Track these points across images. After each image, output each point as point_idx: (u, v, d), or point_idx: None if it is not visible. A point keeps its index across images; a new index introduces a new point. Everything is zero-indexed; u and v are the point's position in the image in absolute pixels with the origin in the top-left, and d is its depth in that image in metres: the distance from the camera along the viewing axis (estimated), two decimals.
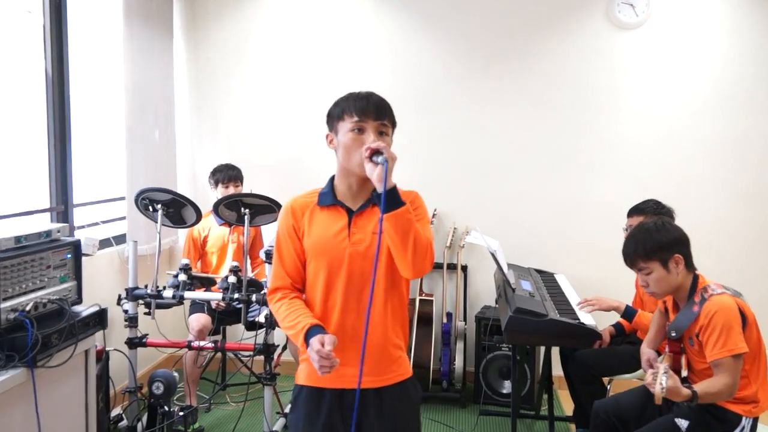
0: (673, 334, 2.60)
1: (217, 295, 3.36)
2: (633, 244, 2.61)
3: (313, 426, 1.98)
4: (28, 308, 2.47)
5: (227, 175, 4.03)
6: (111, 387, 3.29)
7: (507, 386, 4.14)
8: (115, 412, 3.47)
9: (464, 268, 4.48)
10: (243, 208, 3.42)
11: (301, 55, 4.54)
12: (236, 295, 3.29)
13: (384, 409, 1.96)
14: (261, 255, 3.68)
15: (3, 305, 2.38)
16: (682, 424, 2.54)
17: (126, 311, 3.38)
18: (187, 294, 3.33)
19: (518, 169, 4.45)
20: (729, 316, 2.42)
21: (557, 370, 3.69)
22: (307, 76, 4.54)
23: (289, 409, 2.07)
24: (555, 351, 3.70)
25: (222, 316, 3.90)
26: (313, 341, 1.79)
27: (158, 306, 3.37)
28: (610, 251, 4.10)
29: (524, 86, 4.40)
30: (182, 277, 3.34)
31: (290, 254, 2.00)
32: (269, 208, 3.42)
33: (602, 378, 3.45)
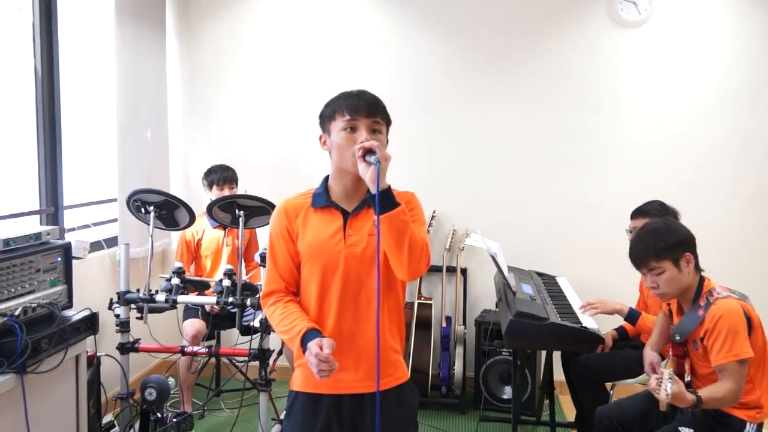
0: (677, 338, 2.61)
1: (211, 299, 3.36)
2: (644, 244, 2.60)
3: None
4: (17, 313, 2.47)
5: (221, 176, 4.03)
6: (102, 393, 3.28)
7: (507, 392, 4.14)
8: (107, 419, 3.47)
9: (464, 271, 4.49)
10: (237, 210, 3.42)
11: (297, 54, 4.55)
12: (231, 299, 3.29)
13: (382, 414, 1.96)
14: (256, 258, 3.69)
15: None
16: None
17: (117, 316, 3.38)
18: (180, 298, 3.33)
19: (519, 170, 4.46)
20: (735, 321, 2.43)
21: (559, 375, 3.69)
22: (303, 75, 4.55)
23: (284, 416, 2.06)
24: (556, 356, 3.70)
25: (216, 320, 3.90)
26: (311, 345, 1.79)
27: (151, 310, 3.36)
28: (613, 254, 4.13)
29: (525, 85, 4.41)
30: (175, 281, 3.34)
31: (284, 257, 2.00)
32: (264, 210, 3.42)
33: (605, 383, 3.45)
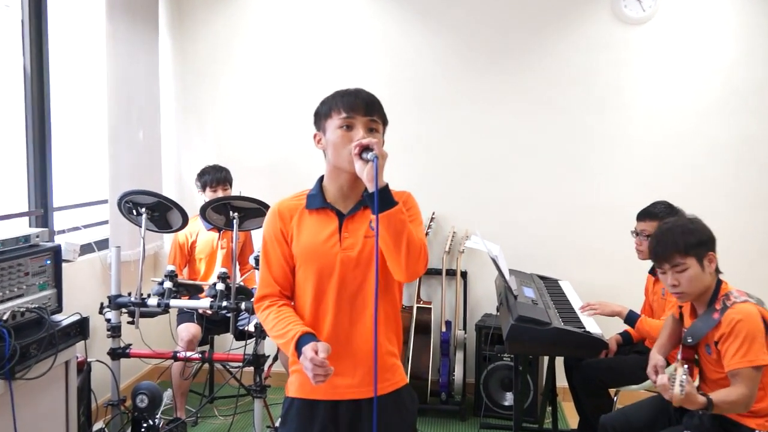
0: (690, 340, 2.60)
1: (204, 303, 3.36)
2: (670, 239, 2.58)
3: None
4: (5, 317, 2.47)
5: (215, 177, 4.03)
6: (93, 400, 3.28)
7: (509, 398, 4.14)
8: (97, 426, 3.47)
9: (464, 275, 4.49)
10: (232, 212, 3.41)
11: (294, 52, 4.55)
12: (225, 303, 3.28)
13: (379, 419, 1.96)
14: (250, 261, 3.68)
15: None
16: None
17: (108, 320, 3.38)
18: (173, 302, 3.32)
19: (520, 171, 4.46)
20: (753, 326, 2.43)
21: (561, 381, 3.69)
22: (299, 73, 4.55)
23: (279, 423, 2.06)
24: (559, 361, 3.70)
25: (210, 325, 3.90)
26: (306, 349, 1.79)
27: (142, 315, 3.36)
28: (618, 256, 4.14)
29: (526, 84, 4.41)
30: (168, 285, 3.34)
31: (278, 260, 2.00)
32: (259, 212, 3.42)
33: (609, 389, 3.46)
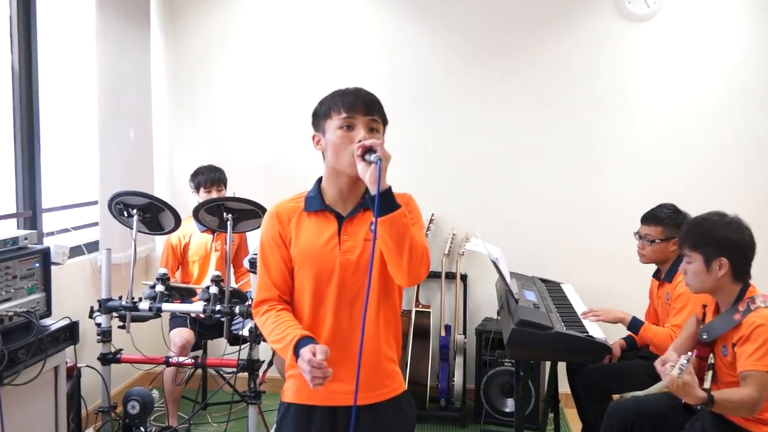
0: (705, 337, 2.61)
1: (197, 307, 3.36)
2: (688, 228, 2.68)
3: None
4: None
5: (209, 177, 4.02)
6: (83, 406, 3.28)
7: (510, 404, 4.14)
8: None
9: (464, 278, 4.49)
10: (225, 214, 3.41)
11: (289, 49, 4.55)
12: (218, 307, 3.28)
13: (377, 427, 1.96)
14: (245, 263, 3.68)
15: None
16: None
17: (99, 325, 3.37)
18: (165, 306, 3.32)
19: (521, 171, 4.46)
20: None
21: (564, 387, 3.70)
22: (295, 72, 4.55)
23: (274, 429, 2.06)
24: (561, 366, 3.71)
25: (203, 329, 3.90)
26: (304, 351, 1.78)
27: (134, 319, 3.36)
28: (621, 259, 4.14)
29: (527, 82, 4.42)
30: (159, 288, 3.34)
31: (276, 263, 1.99)
32: (254, 213, 3.42)
33: (612, 395, 3.46)
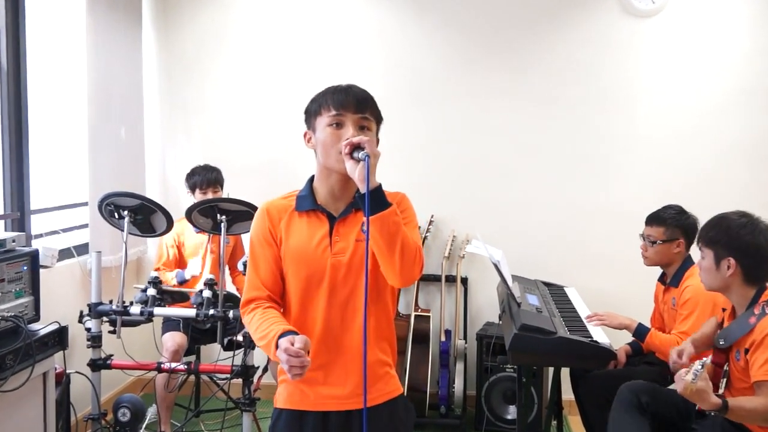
0: (722, 343, 2.62)
1: (190, 311, 3.35)
2: (706, 224, 2.74)
3: None
4: None
5: (205, 178, 4.01)
6: (72, 414, 3.27)
7: (512, 412, 4.14)
8: None
9: (464, 281, 4.49)
10: (219, 215, 3.41)
11: (285, 46, 4.55)
12: (212, 312, 3.28)
13: (372, 431, 1.96)
14: (239, 266, 3.69)
15: None
16: None
17: (89, 329, 3.37)
18: (157, 310, 3.32)
19: (523, 172, 4.47)
20: None
21: (567, 393, 3.70)
22: (291, 69, 4.55)
23: None
24: (565, 372, 3.70)
25: (196, 334, 3.89)
26: (282, 341, 1.78)
27: (124, 324, 3.35)
28: (626, 261, 4.14)
29: (529, 80, 4.42)
30: (151, 292, 3.33)
31: (266, 262, 2.00)
32: (248, 215, 3.41)
33: None
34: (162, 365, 3.42)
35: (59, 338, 2.84)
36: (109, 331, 3.36)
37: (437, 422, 4.22)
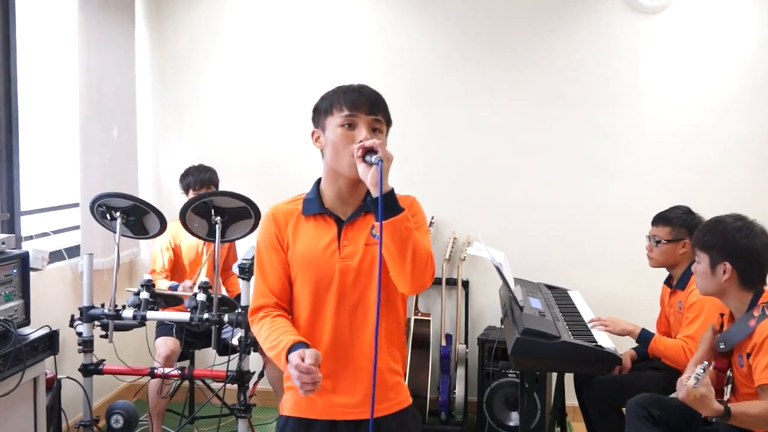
0: (722, 346, 2.62)
1: (184, 315, 3.35)
2: (701, 227, 2.77)
3: None
4: None
5: (198, 178, 4.00)
6: (63, 420, 3.27)
7: (514, 418, 4.14)
8: None
9: (465, 284, 4.49)
10: (214, 216, 3.39)
11: (281, 44, 4.55)
12: (206, 315, 3.28)
13: None
14: (234, 269, 3.67)
15: None
16: None
17: (80, 334, 3.37)
18: (150, 314, 3.32)
19: (525, 171, 4.47)
20: None
21: (571, 399, 3.70)
22: (287, 68, 4.54)
23: None
24: (568, 378, 3.71)
25: (190, 339, 3.89)
26: (292, 356, 1.78)
27: (117, 328, 3.35)
28: (632, 264, 4.13)
29: (531, 78, 4.42)
30: (144, 295, 3.33)
31: (274, 268, 1.99)
32: (245, 212, 3.37)
33: (622, 408, 3.46)
34: (155, 370, 3.41)
35: (50, 343, 2.84)
36: (101, 336, 3.35)
37: (438, 429, 4.21)
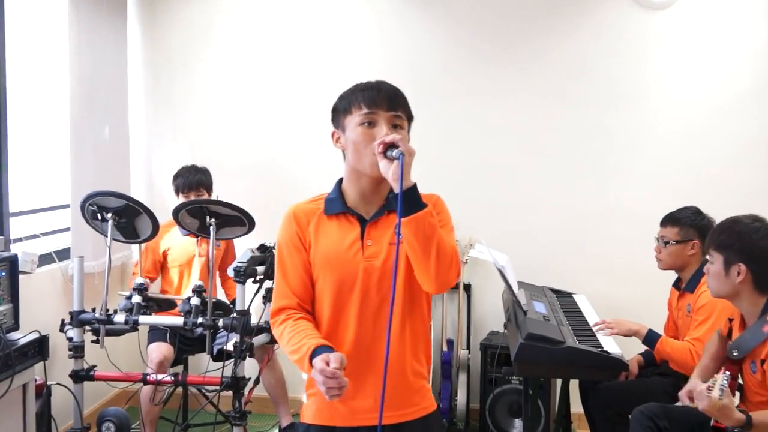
0: (735, 354, 2.61)
1: (177, 320, 3.35)
2: (716, 227, 2.75)
3: None
4: None
5: (187, 181, 3.98)
6: (53, 428, 3.27)
7: (518, 426, 4.14)
8: None
9: (467, 288, 4.49)
10: (209, 218, 3.40)
11: (278, 42, 4.55)
12: (200, 320, 3.27)
13: None
14: (229, 272, 3.67)
15: None
16: None
17: (70, 339, 3.36)
18: (142, 319, 3.32)
19: (529, 172, 4.46)
20: None
21: (576, 406, 3.69)
22: (284, 66, 4.54)
23: None
24: (573, 384, 3.70)
25: (184, 344, 3.88)
26: (316, 361, 1.78)
27: (108, 333, 3.35)
28: (639, 267, 4.13)
29: (535, 76, 4.42)
30: (136, 299, 3.33)
31: (295, 268, 1.99)
32: (238, 220, 3.39)
33: (628, 416, 3.45)
34: (148, 376, 3.41)
35: (39, 348, 2.84)
36: (92, 341, 3.35)
37: None
